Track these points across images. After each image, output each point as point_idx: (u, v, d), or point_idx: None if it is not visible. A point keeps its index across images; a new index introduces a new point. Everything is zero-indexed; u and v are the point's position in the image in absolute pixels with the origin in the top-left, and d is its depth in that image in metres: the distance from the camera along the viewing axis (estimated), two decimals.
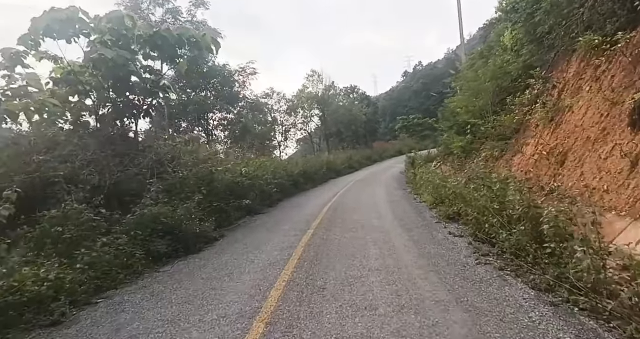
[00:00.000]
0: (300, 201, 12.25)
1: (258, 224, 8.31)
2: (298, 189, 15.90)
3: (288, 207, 10.78)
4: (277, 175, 13.59)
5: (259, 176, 11.33)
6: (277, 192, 12.96)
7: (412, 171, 15.74)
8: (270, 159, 15.30)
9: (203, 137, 22.23)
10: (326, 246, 5.59)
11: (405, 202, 10.25)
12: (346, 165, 26.06)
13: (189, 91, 19.79)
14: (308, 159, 21.01)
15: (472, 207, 5.64)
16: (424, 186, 11.77)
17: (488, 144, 13.05)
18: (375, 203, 10.31)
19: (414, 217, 7.93)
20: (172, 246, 5.67)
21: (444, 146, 19.96)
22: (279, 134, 35.70)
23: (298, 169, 16.39)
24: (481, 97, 14.63)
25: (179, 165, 7.71)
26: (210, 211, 7.74)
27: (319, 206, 10.28)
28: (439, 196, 9.05)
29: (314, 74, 35.82)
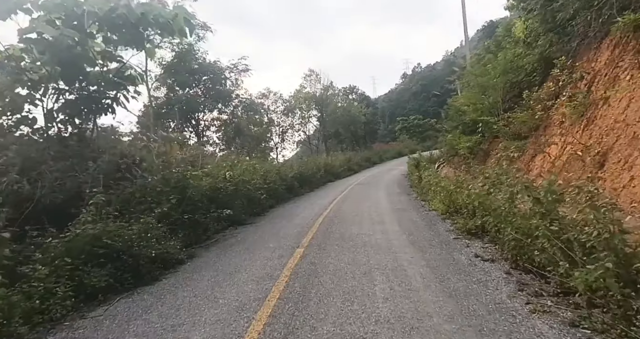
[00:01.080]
0: (294, 209, 10.92)
1: (240, 239, 6.97)
2: (293, 194, 14.59)
3: (279, 217, 9.45)
4: (268, 179, 12.27)
5: (246, 181, 10.01)
6: (269, 198, 11.65)
7: (416, 174, 14.43)
8: (261, 161, 13.96)
9: (193, 138, 20.92)
10: (317, 277, 4.27)
11: (412, 211, 8.93)
12: (345, 167, 24.77)
13: (177, 89, 18.49)
14: (304, 161, 19.70)
15: (507, 222, 4.33)
16: (432, 191, 10.46)
17: (502, 144, 11.80)
18: (378, 212, 9.00)
19: (426, 230, 6.61)
20: (116, 276, 4.33)
21: (449, 146, 18.69)
22: (276, 135, 34.44)
23: (293, 172, 15.08)
24: (490, 93, 13.36)
25: (142, 169, 6.38)
26: (182, 225, 6.42)
27: (314, 215, 8.96)
28: (453, 204, 7.74)
29: (312, 73, 34.63)
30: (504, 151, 11.32)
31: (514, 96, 12.94)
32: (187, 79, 17.90)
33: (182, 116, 18.48)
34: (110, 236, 4.52)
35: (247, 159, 17.29)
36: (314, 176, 18.42)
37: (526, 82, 12.27)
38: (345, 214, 8.90)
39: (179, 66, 17.61)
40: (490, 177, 6.92)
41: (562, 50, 10.53)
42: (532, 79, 12.11)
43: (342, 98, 39.04)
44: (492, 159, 12.76)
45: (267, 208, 10.86)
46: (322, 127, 35.44)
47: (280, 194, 13.12)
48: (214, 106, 20.51)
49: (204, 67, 18.36)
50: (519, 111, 11.09)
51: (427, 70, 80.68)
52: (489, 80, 13.26)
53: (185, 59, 17.58)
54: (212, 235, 7.34)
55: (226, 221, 8.24)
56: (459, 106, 16.23)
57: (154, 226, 5.19)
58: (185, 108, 18.38)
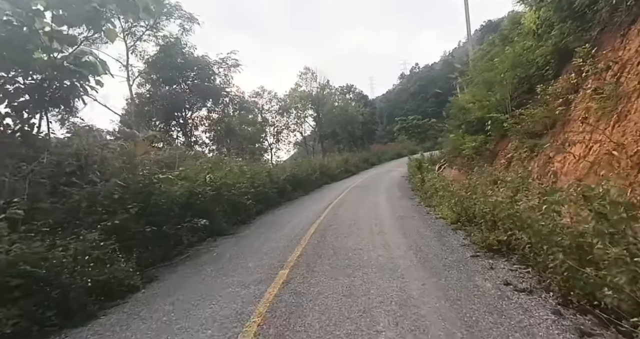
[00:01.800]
0: (284, 215, 9.85)
1: (215, 255, 5.89)
2: (285, 198, 13.52)
3: (266, 226, 8.37)
4: (257, 182, 11.20)
5: (230, 185, 8.93)
6: (257, 203, 10.59)
7: (418, 176, 13.40)
8: (250, 162, 12.87)
9: (180, 138, 19.82)
10: (301, 316, 3.20)
11: (416, 218, 7.88)
12: (342, 169, 23.72)
13: (163, 85, 17.37)
14: (298, 162, 18.64)
15: (550, 242, 3.29)
16: (437, 196, 9.43)
17: (512, 144, 10.81)
18: (378, 219, 7.95)
19: (436, 244, 5.55)
20: (34, 315, 3.25)
21: (451, 147, 17.71)
22: (271, 135, 33.36)
23: (285, 174, 14.01)
24: (497, 89, 12.37)
25: (102, 173, 5.28)
26: (144, 240, 5.33)
27: (306, 224, 7.89)
28: (465, 212, 6.70)
29: (307, 71, 33.57)
30: (515, 151, 10.31)
31: (523, 91, 11.98)
32: (172, 75, 16.79)
33: (167, 113, 17.37)
34: (32, 261, 3.43)
35: (238, 160, 16.23)
36: (309, 178, 17.36)
37: (538, 77, 11.30)
38: (341, 223, 7.84)
39: (164, 61, 16.52)
40: (514, 182, 5.89)
41: (580, 40, 9.50)
42: (545, 72, 11.10)
43: (339, 97, 38.01)
44: (500, 159, 11.76)
45: (254, 215, 9.78)
46: (318, 127, 34.39)
47: (271, 198, 12.05)
48: (203, 104, 19.41)
49: (191, 62, 17.25)
50: (531, 107, 10.08)
51: (425, 71, 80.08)
52: (496, 76, 12.26)
53: (170, 53, 16.48)
54: (185, 249, 6.25)
55: (204, 232, 7.17)
56: (463, 104, 15.25)
57: (97, 245, 4.09)
58: (170, 105, 17.26)
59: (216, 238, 7.22)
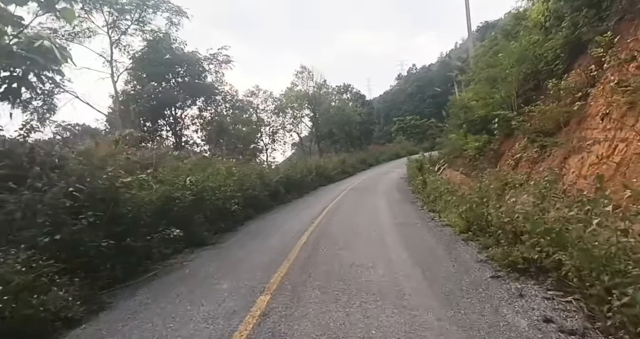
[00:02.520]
0: (274, 222, 9.00)
1: (188, 273, 5.02)
2: (278, 201, 12.68)
3: (251, 235, 7.49)
4: (246, 185, 10.34)
5: (214, 188, 8.06)
6: (246, 207, 9.74)
7: (420, 178, 12.60)
8: (240, 162, 11.99)
9: (170, 138, 18.93)
10: None
11: (420, 226, 7.05)
12: (339, 170, 22.89)
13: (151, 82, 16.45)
14: (293, 163, 17.80)
15: (612, 270, 2.47)
16: (442, 200, 8.63)
17: (519, 143, 10.04)
18: (378, 227, 7.11)
19: (446, 260, 4.72)
20: None
21: (451, 147, 16.98)
22: (266, 136, 32.51)
23: (277, 176, 13.15)
24: (502, 86, 11.60)
25: (37, 176, 4.41)
26: (102, 256, 4.46)
27: (297, 232, 7.04)
28: (477, 220, 5.88)
29: (304, 70, 32.75)
30: (523, 152, 9.51)
31: (529, 89, 11.23)
32: (160, 71, 15.88)
33: (154, 112, 16.46)
34: None
35: (229, 160, 15.37)
36: (304, 179, 16.52)
37: (546, 72, 10.53)
38: (336, 231, 7.00)
39: (151, 56, 15.62)
40: (538, 186, 5.08)
41: (595, 31, 8.70)
42: (554, 67, 10.30)
43: (336, 97, 37.21)
44: (506, 160, 10.95)
45: (241, 221, 8.91)
46: (314, 127, 33.56)
47: (262, 202, 11.20)
48: (194, 102, 18.51)
49: (180, 58, 16.34)
50: (541, 104, 9.30)
51: (422, 72, 79.69)
52: (501, 71, 11.49)
53: (158, 48, 15.57)
54: (155, 265, 5.38)
55: (181, 242, 6.30)
56: (465, 102, 14.50)
57: (28, 268, 3.22)
58: (158, 103, 16.34)
59: (194, 250, 6.35)
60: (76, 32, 14.29)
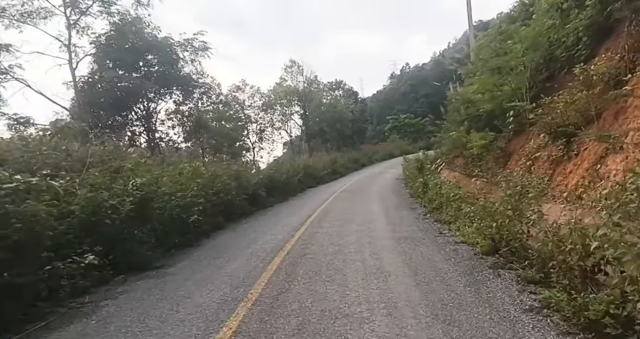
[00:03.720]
0: (247, 233, 7.37)
1: (90, 328, 3.38)
2: (258, 206, 11.08)
3: (210, 255, 5.80)
4: (217, 188, 8.71)
5: (168, 194, 6.42)
6: (215, 215, 8.14)
7: (420, 180, 11.10)
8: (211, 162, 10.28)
9: (143, 134, 17.13)
10: None
11: (428, 243, 5.51)
12: (329, 170, 21.34)
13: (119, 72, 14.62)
14: (278, 162, 16.19)
15: None
16: (451, 208, 7.14)
17: (535, 140, 8.64)
18: (374, 245, 5.53)
19: (476, 308, 3.17)
20: None
21: (451, 146, 15.54)
22: (253, 133, 30.78)
23: (257, 177, 11.53)
24: (512, 77, 10.17)
25: None
26: None
27: (268, 253, 5.45)
28: (509, 241, 4.36)
29: (293, 64, 31.09)
30: (543, 150, 8.01)
31: (541, 80, 9.83)
32: (129, 59, 14.08)
33: (122, 104, 14.65)
34: None
35: (205, 159, 13.70)
36: (290, 181, 14.93)
37: (565, 59, 9.09)
38: (321, 250, 5.42)
39: (118, 41, 13.80)
40: (610, 197, 3.56)
41: (629, 8, 7.25)
42: (575, 53, 8.83)
43: (328, 94, 35.62)
44: (518, 160, 9.51)
45: (207, 232, 7.28)
46: (304, 125, 31.95)
47: (238, 207, 9.59)
48: (169, 94, 16.73)
49: (150, 44, 14.53)
50: (563, 94, 7.84)
51: (415, 71, 78.82)
52: (511, 60, 10.02)
53: (125, 31, 13.74)
54: (56, 307, 3.73)
55: (109, 269, 4.66)
56: (468, 96, 13.06)
57: None
58: (126, 95, 14.52)
59: (128, 278, 4.69)
60: (29, 11, 12.45)
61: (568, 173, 6.59)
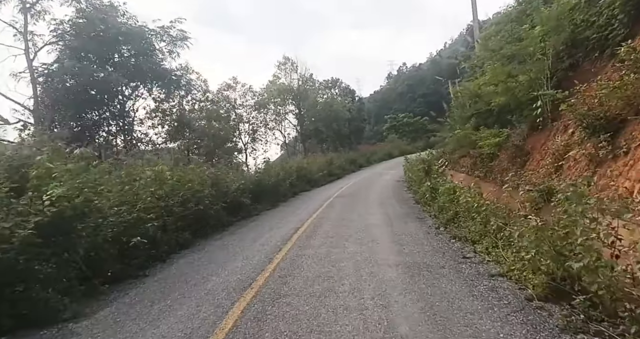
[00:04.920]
0: (210, 261, 5.78)
1: None
2: (240, 215, 9.57)
3: (140, 304, 4.13)
4: (181, 197, 7.16)
5: (100, 209, 4.86)
6: (180, 230, 6.60)
7: (427, 184, 9.57)
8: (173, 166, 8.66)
9: (120, 136, 15.53)
10: None
11: (453, 279, 3.94)
12: (325, 172, 19.81)
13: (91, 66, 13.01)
14: (267, 165, 14.66)
15: None
16: (474, 223, 5.62)
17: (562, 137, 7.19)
18: (377, 281, 3.98)
19: None
20: None
21: (456, 145, 14.01)
22: (245, 134, 29.19)
23: (239, 182, 9.96)
24: (530, 66, 8.69)
25: None
26: None
27: (227, 296, 3.90)
28: (578, 279, 2.85)
29: (287, 61, 29.56)
30: (579, 146, 6.46)
31: (562, 68, 8.39)
32: (97, 49, 12.48)
33: (92, 101, 13.06)
34: None
35: (189, 161, 12.13)
36: (280, 185, 13.40)
37: (595, 41, 7.64)
38: (303, 290, 3.87)
39: (85, 30, 12.22)
40: None
41: None
42: (610, 33, 7.34)
43: (324, 92, 34.07)
44: (539, 160, 8.02)
45: (160, 256, 5.71)
46: (299, 124, 30.40)
47: (212, 219, 8.04)
48: (148, 91, 15.15)
49: (123, 34, 12.90)
50: (605, 79, 6.35)
51: (413, 71, 77.75)
52: (529, 45, 8.53)
53: (91, 18, 12.14)
54: None
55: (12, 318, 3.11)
56: (476, 90, 11.59)
57: None
58: (97, 91, 12.94)
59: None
60: None
61: (616, 176, 5.06)
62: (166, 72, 15.03)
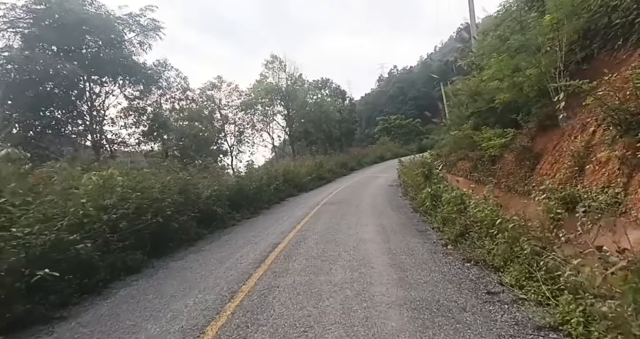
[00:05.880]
0: (146, 302, 4.52)
1: None
2: (213, 226, 8.34)
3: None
4: (129, 208, 5.86)
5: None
6: (120, 251, 5.30)
7: (427, 190, 8.42)
8: (128, 171, 7.31)
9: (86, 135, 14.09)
10: None
11: (483, 329, 2.81)
12: (314, 175, 18.60)
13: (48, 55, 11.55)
14: (249, 169, 13.39)
15: None
16: (496, 241, 4.47)
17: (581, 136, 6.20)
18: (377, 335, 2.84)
19: None
20: None
21: (455, 146, 13.00)
22: (231, 135, 27.82)
23: (211, 188, 8.66)
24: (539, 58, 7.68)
25: None
26: None
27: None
28: None
29: (274, 60, 28.32)
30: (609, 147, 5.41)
31: (575, 61, 7.42)
32: (54, 38, 11.03)
33: (51, 98, 11.62)
34: None
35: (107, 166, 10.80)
36: (264, 190, 12.15)
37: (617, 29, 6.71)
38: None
39: (44, 16, 10.77)
40: None
41: None
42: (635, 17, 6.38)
43: (314, 93, 32.88)
44: (555, 162, 6.97)
45: (95, 286, 4.42)
46: (288, 126, 29.15)
47: (175, 233, 6.73)
48: (120, 88, 13.74)
49: (88, 23, 11.49)
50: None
51: (404, 73, 77.67)
52: (540, 34, 7.51)
53: (50, 3, 10.69)
54: None
55: None
56: (477, 87, 10.56)
57: None
58: (58, 88, 11.50)
59: None
60: None
61: None
62: (138, 67, 13.63)
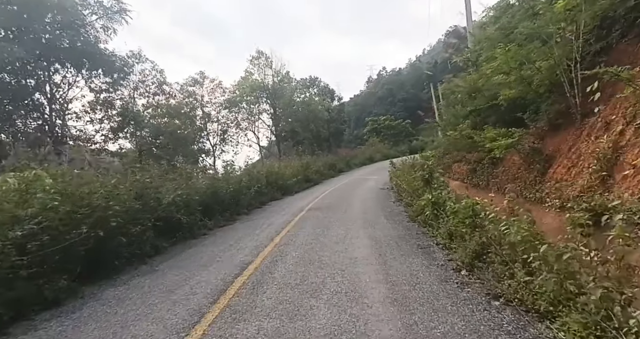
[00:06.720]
0: None
1: None
2: (177, 237, 7.01)
3: None
4: (75, 216, 4.57)
5: None
6: (51, 275, 4.01)
7: (428, 197, 7.30)
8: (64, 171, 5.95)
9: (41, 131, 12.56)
10: None
11: None
12: (300, 177, 17.41)
13: None
14: (226, 170, 12.12)
15: None
16: (540, 275, 3.36)
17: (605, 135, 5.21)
18: None
19: None
20: None
21: (452, 148, 12.04)
22: (214, 134, 26.41)
23: (175, 192, 7.36)
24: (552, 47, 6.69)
25: None
26: None
27: None
28: None
29: (260, 56, 27.01)
30: None
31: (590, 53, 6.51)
32: (5, 23, 9.52)
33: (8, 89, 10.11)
34: None
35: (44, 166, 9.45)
36: (243, 193, 10.92)
37: None
38: None
39: None
40: None
41: None
42: None
43: (302, 91, 31.70)
44: (573, 166, 5.95)
45: None
46: (274, 125, 27.88)
47: (125, 247, 5.44)
48: (86, 80, 12.27)
49: (42, 4, 10.00)
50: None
51: (393, 75, 77.46)
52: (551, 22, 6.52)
53: None
54: None
55: None
56: (477, 84, 9.58)
57: None
58: (5, 75, 10.01)
59: None
60: None
61: None
62: (104, 56, 12.19)
